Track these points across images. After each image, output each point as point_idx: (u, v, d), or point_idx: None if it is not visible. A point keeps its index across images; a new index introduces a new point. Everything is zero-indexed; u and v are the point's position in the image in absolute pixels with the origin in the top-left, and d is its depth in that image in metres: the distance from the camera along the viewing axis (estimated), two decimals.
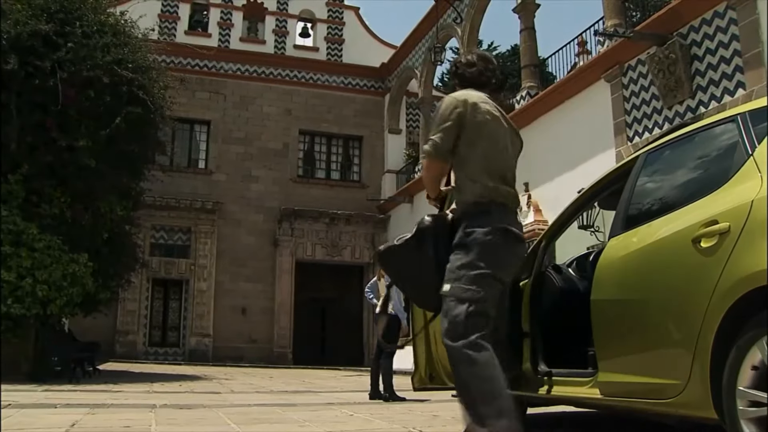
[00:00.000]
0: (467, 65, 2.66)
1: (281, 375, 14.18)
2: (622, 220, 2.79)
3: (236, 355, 19.99)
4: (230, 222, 21.05)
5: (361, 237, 22.05)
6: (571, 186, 11.55)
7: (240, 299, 20.65)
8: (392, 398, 6.51)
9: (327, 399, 6.91)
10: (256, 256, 21.04)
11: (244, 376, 12.75)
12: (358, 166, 23.12)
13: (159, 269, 20.13)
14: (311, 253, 21.63)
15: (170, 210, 20.27)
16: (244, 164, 21.66)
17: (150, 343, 19.97)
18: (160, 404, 5.53)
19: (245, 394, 7.59)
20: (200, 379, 11.05)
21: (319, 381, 11.52)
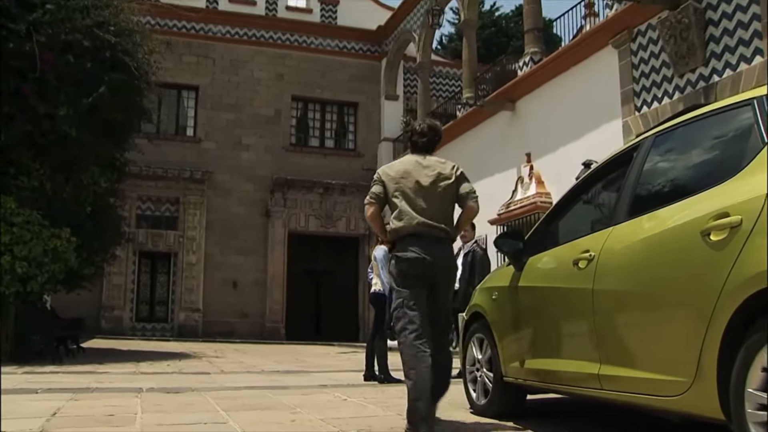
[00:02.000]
0: (420, 135, 3.65)
1: (273, 352, 14.28)
2: (627, 206, 2.75)
3: (227, 331, 20.12)
4: (220, 192, 20.97)
5: (356, 208, 21.97)
6: (575, 157, 11.49)
7: (231, 272, 20.70)
8: (387, 379, 6.55)
9: (320, 380, 6.94)
10: (247, 228, 21.03)
11: (234, 354, 12.83)
12: (354, 133, 22.96)
13: (146, 242, 20.11)
14: (304, 225, 21.62)
15: (157, 180, 20.16)
16: (234, 132, 21.49)
17: (137, 318, 20.04)
18: (147, 388, 5.55)
19: (235, 374, 7.63)
20: (189, 357, 11.12)
21: (312, 359, 11.60)
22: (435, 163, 3.55)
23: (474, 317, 4.20)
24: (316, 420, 3.86)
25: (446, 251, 3.43)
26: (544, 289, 3.23)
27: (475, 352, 4.13)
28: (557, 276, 3.13)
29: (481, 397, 4.01)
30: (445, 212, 3.48)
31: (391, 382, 6.41)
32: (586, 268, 2.83)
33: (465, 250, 7.48)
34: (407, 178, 3.49)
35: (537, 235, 3.63)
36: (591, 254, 2.81)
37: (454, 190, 3.51)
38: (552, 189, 12.57)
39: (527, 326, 3.47)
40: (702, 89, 9.23)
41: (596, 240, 2.85)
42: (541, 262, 3.42)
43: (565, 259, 3.09)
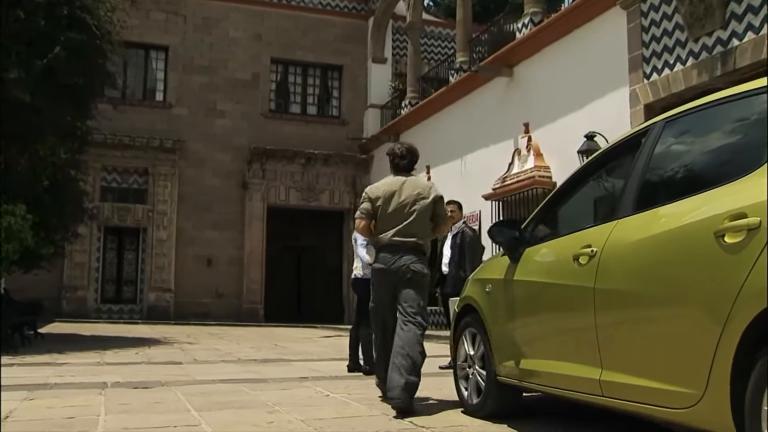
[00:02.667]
0: (401, 157, 4.68)
1: (251, 336, 14.29)
2: (632, 199, 2.71)
3: (201, 312, 20.12)
4: (193, 162, 20.80)
5: (340, 179, 21.97)
6: (577, 128, 11.46)
7: (205, 249, 20.64)
8: (372, 370, 6.54)
9: (300, 371, 6.93)
10: (222, 201, 20.92)
11: (209, 338, 12.83)
12: (338, 99, 22.79)
13: (112, 216, 19.94)
14: (285, 198, 21.55)
15: (124, 149, 19.93)
16: (208, 97, 21.23)
17: (102, 299, 19.96)
18: (112, 382, 5.50)
19: (209, 364, 7.60)
20: (159, 343, 11.09)
21: (292, 344, 11.62)
22: (415, 184, 4.58)
23: (466, 310, 4.17)
24: (295, 421, 3.84)
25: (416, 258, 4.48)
26: (541, 284, 3.20)
27: (467, 347, 4.11)
28: (556, 271, 3.10)
29: (473, 395, 4.01)
30: (422, 228, 4.53)
31: (356, 370, 6.42)
32: (588, 264, 2.79)
33: (453, 231, 7.46)
34: (391, 198, 4.53)
35: (535, 223, 3.59)
36: (593, 250, 2.77)
37: (431, 209, 4.54)
38: (552, 162, 12.54)
39: (523, 323, 3.44)
40: (719, 55, 9.11)
41: (599, 234, 2.81)
42: (539, 254, 3.39)
43: (564, 252, 3.05)
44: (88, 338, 11.97)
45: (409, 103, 19.03)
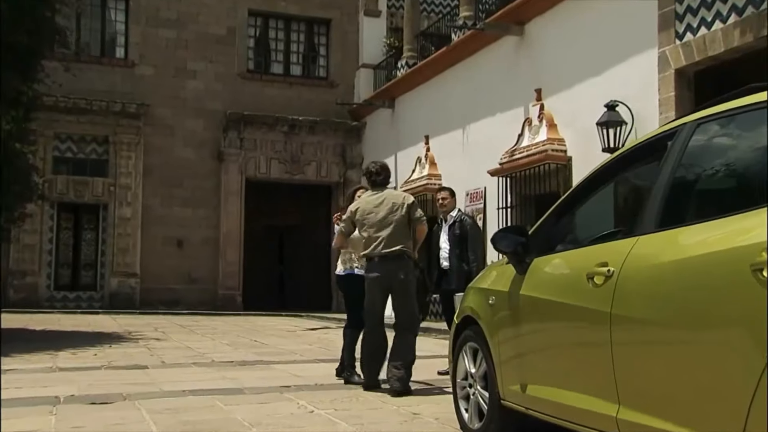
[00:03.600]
0: (376, 174, 6.09)
1: (228, 329, 14.31)
2: (656, 212, 2.66)
3: (171, 299, 20.16)
4: (161, 130, 20.67)
5: (328, 150, 21.91)
6: (595, 97, 11.39)
7: (175, 228, 20.63)
8: (350, 379, 6.53)
9: (282, 377, 6.94)
10: (195, 174, 20.88)
11: (180, 332, 12.85)
12: (326, 58, 22.61)
13: (67, 191, 19.79)
14: (266, 170, 21.53)
15: (80, 114, 19.72)
16: (176, 54, 21.03)
17: (57, 286, 19.88)
18: (65, 396, 5.46)
19: (179, 369, 7.60)
20: (123, 339, 11.08)
21: (274, 340, 11.65)
22: (390, 196, 5.95)
23: (466, 321, 4.15)
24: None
25: (401, 265, 5.86)
26: (551, 303, 3.17)
27: (468, 364, 4.10)
28: (567, 289, 3.06)
29: (474, 419, 4.01)
30: (404, 236, 5.85)
31: (353, 383, 6.41)
32: (603, 285, 2.76)
33: (449, 221, 7.41)
34: (371, 213, 5.88)
35: (544, 230, 3.56)
36: (609, 269, 2.73)
37: (407, 216, 5.86)
38: (567, 135, 12.49)
39: (531, 345, 3.42)
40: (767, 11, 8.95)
41: (616, 251, 2.77)
42: (549, 266, 3.36)
43: (577, 268, 3.01)
44: (38, 334, 11.94)
45: (406, 63, 18.88)
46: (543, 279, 3.35)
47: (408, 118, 18.64)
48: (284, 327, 15.41)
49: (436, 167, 16.68)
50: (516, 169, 13.27)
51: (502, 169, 13.60)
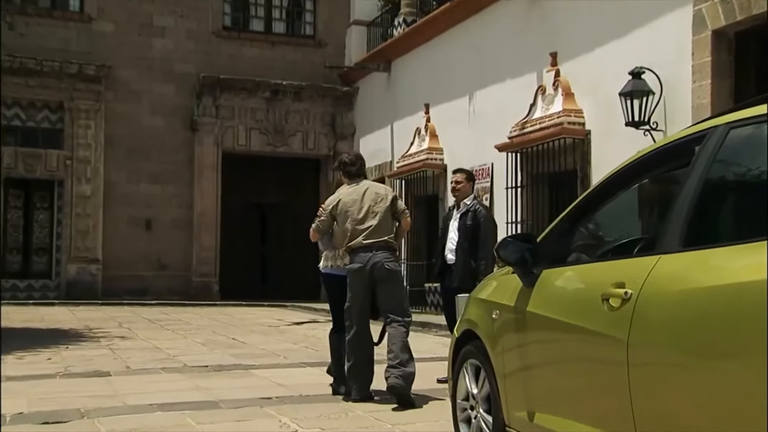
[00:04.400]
0: (350, 164, 6.47)
1: (202, 322, 14.38)
2: (681, 229, 2.65)
3: (138, 288, 20.18)
4: (124, 95, 20.59)
5: (316, 118, 21.87)
6: (619, 62, 11.34)
7: (142, 208, 20.62)
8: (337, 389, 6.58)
9: (262, 385, 7.02)
10: (164, 146, 20.86)
11: (148, 329, 12.89)
12: (312, 13, 22.49)
13: (15, 164, 19.60)
14: (245, 142, 21.52)
15: (28, 76, 19.49)
16: (141, 8, 20.88)
17: (4, 273, 19.73)
18: (12, 415, 5.42)
19: (147, 375, 7.64)
20: (82, 338, 11.06)
21: (254, 338, 11.70)
22: (372, 187, 6.38)
23: (467, 335, 4.17)
24: None
25: (388, 255, 6.18)
26: (561, 324, 3.18)
27: (469, 383, 4.12)
28: (580, 310, 3.07)
29: None
30: (388, 227, 6.24)
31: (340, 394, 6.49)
32: (620, 309, 2.76)
33: (461, 209, 7.35)
34: (351, 206, 6.23)
35: (554, 238, 3.56)
36: (627, 292, 2.74)
37: (391, 206, 6.25)
38: (585, 105, 12.46)
39: (539, 368, 3.44)
40: None
41: (634, 270, 2.77)
42: (559, 281, 3.36)
43: (591, 287, 3.02)
44: None
45: (403, 20, 18.76)
46: (553, 296, 3.36)
47: (406, 83, 18.57)
48: (266, 320, 15.49)
49: (437, 140, 16.65)
50: (527, 143, 13.23)
51: (512, 143, 13.56)
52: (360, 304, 6.23)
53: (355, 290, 6.21)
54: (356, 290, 6.21)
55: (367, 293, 6.20)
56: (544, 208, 13.36)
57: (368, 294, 6.21)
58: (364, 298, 6.20)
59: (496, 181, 14.56)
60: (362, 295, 6.20)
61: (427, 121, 16.86)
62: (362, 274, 6.14)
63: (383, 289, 6.17)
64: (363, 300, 6.21)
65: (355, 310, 6.23)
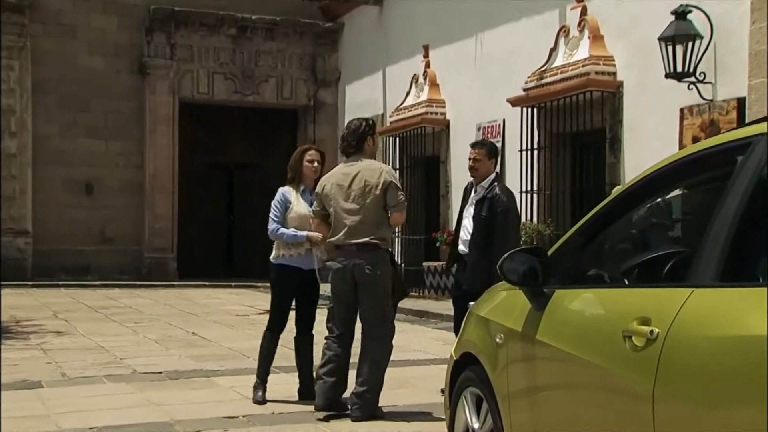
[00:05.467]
0: (342, 140, 6.68)
1: (157, 311, 14.42)
2: (717, 260, 2.67)
3: (78, 266, 20.24)
4: (56, 30, 20.51)
5: (293, 61, 21.86)
6: None
7: (81, 169, 20.63)
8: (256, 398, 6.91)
9: (228, 400, 7.09)
10: (107, 94, 20.83)
11: (90, 320, 12.94)
12: None
13: None
14: (207, 90, 21.55)
15: None
16: None
17: None
18: None
19: (87, 386, 7.65)
20: (6, 335, 10.83)
21: (218, 332, 11.76)
22: (365, 171, 6.36)
23: (466, 360, 4.21)
24: None
25: (371, 257, 6.31)
26: (576, 359, 3.21)
27: (469, 416, 4.18)
28: (598, 346, 3.10)
29: None
30: (373, 220, 6.31)
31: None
32: (645, 350, 2.78)
33: (478, 194, 7.25)
34: (337, 191, 6.35)
35: (567, 252, 3.58)
36: (653, 330, 2.76)
37: (382, 197, 6.29)
38: (617, 51, 12.47)
39: (550, 410, 3.48)
40: None
41: (662, 304, 2.79)
42: (574, 305, 3.40)
43: (610, 319, 3.04)
44: None
45: None
46: (566, 324, 3.39)
47: (401, 20, 18.46)
48: (233, 307, 15.56)
49: (438, 90, 16.61)
50: (546, 97, 13.23)
51: (527, 97, 13.56)
52: (342, 308, 6.51)
53: (337, 292, 6.48)
54: (338, 292, 6.47)
55: (351, 296, 6.42)
56: (565, 175, 13.42)
57: (352, 297, 6.41)
58: (348, 301, 6.45)
59: (509, 142, 14.57)
60: (345, 298, 6.45)
61: (426, 67, 16.82)
62: (344, 275, 6.36)
63: (362, 294, 6.37)
64: (346, 303, 6.47)
65: (338, 313, 6.53)
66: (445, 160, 16.60)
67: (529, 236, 12.74)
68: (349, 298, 6.43)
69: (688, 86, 10.83)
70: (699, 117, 11.04)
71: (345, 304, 6.48)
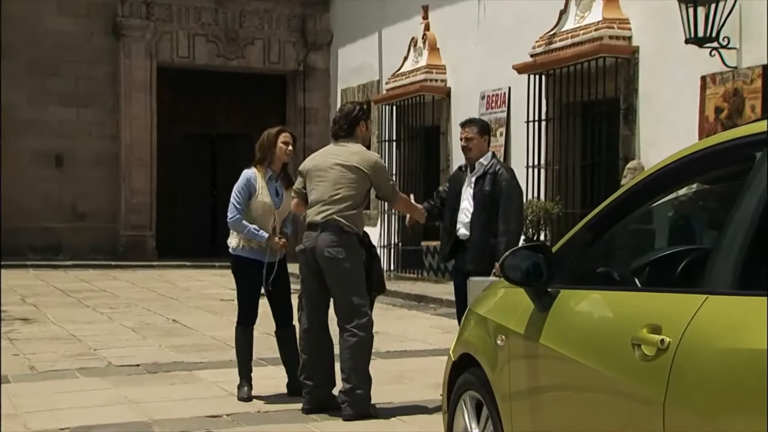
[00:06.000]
0: (333, 122, 6.90)
1: (134, 295, 14.48)
2: (734, 263, 2.67)
3: (48, 245, 20.29)
4: None
5: (281, 22, 21.83)
6: None
7: (51, 139, 20.65)
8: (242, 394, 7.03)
9: (211, 397, 7.15)
10: (79, 58, 20.82)
11: (61, 306, 12.99)
12: None
13: None
14: (188, 53, 21.54)
15: None
16: None
17: None
18: None
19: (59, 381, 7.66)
20: None
21: (200, 318, 11.81)
22: (350, 155, 6.53)
23: (464, 361, 4.24)
24: None
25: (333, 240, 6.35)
26: (582, 368, 3.23)
27: (468, 421, 4.21)
28: (606, 353, 3.12)
29: None
30: (345, 203, 6.41)
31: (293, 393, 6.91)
32: (655, 360, 2.80)
33: (476, 171, 7.32)
34: (318, 171, 6.54)
35: (573, 248, 3.60)
36: (663, 340, 2.77)
37: (363, 184, 6.51)
38: (632, 13, 12.46)
39: (554, 413, 3.53)
40: None
41: (673, 310, 2.81)
42: (580, 307, 3.43)
43: (618, 324, 3.08)
44: None
45: None
46: (572, 328, 3.41)
47: None
48: (217, 290, 15.60)
49: (438, 55, 16.57)
50: (555, 63, 13.22)
51: (535, 63, 13.54)
52: (309, 295, 6.63)
53: (303, 277, 6.64)
54: (304, 277, 6.63)
55: (315, 283, 6.53)
56: (575, 148, 13.42)
57: (319, 282, 6.51)
58: (315, 288, 6.55)
59: (514, 112, 14.56)
60: (312, 284, 6.56)
61: (426, 30, 16.77)
62: (306, 258, 6.50)
63: (328, 283, 6.47)
64: (314, 290, 6.57)
65: (305, 302, 6.67)
66: (445, 131, 16.58)
67: (535, 215, 12.76)
68: (312, 284, 6.53)
69: (710, 52, 10.77)
70: (722, 86, 11.01)
71: (308, 292, 6.60)
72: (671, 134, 11.38)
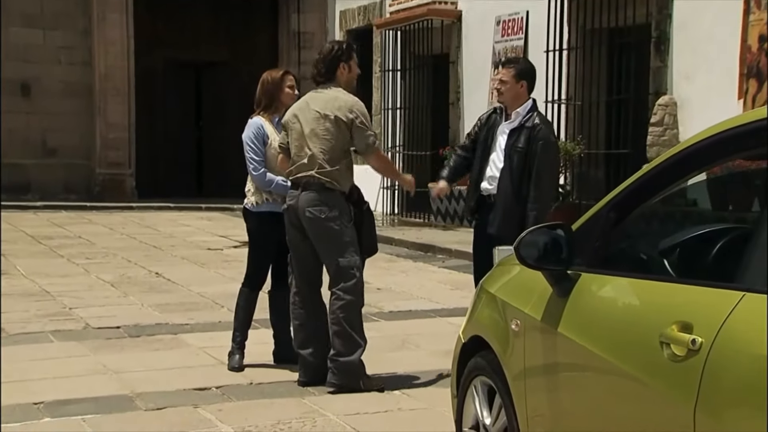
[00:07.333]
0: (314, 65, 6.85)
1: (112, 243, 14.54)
2: None
3: (15, 184, 20.23)
4: None
5: None
6: None
7: (15, 65, 20.59)
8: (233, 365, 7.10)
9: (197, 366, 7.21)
10: None
11: (31, 255, 13.06)
12: None
13: None
14: None
15: None
16: None
17: None
18: None
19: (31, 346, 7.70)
20: None
21: (186, 271, 11.88)
22: (328, 102, 6.51)
23: (476, 343, 4.28)
24: None
25: (314, 199, 6.42)
26: (605, 362, 3.26)
27: (479, 408, 4.26)
28: (631, 350, 3.14)
29: None
30: (326, 157, 6.44)
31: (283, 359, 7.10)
32: (685, 362, 2.82)
33: (512, 122, 7.12)
34: (293, 123, 6.59)
35: (596, 228, 3.61)
36: (695, 340, 2.79)
37: (344, 134, 6.49)
38: None
39: (571, 406, 3.57)
40: None
41: (707, 310, 2.82)
42: (603, 294, 3.46)
43: (645, 319, 3.10)
44: None
45: None
46: (593, 318, 3.44)
47: None
48: (204, 237, 15.66)
49: None
50: None
51: None
52: (298, 256, 6.71)
53: (289, 237, 6.70)
54: (290, 237, 6.69)
55: (301, 244, 6.63)
56: (600, 81, 13.38)
57: (303, 245, 6.63)
58: (299, 250, 6.66)
59: (533, 40, 14.50)
60: (295, 246, 6.67)
61: None
62: (290, 218, 6.60)
63: (314, 243, 6.57)
64: (302, 251, 6.66)
65: (294, 263, 6.76)
66: (455, 60, 16.50)
67: None
68: (299, 245, 6.63)
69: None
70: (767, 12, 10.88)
71: (297, 255, 6.68)
72: (708, 66, 11.35)
